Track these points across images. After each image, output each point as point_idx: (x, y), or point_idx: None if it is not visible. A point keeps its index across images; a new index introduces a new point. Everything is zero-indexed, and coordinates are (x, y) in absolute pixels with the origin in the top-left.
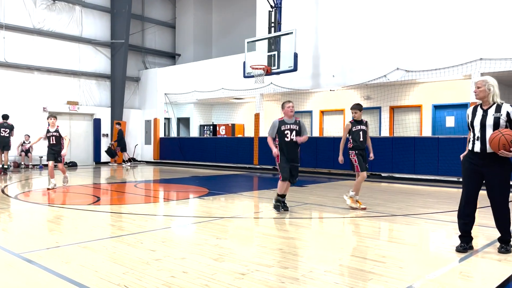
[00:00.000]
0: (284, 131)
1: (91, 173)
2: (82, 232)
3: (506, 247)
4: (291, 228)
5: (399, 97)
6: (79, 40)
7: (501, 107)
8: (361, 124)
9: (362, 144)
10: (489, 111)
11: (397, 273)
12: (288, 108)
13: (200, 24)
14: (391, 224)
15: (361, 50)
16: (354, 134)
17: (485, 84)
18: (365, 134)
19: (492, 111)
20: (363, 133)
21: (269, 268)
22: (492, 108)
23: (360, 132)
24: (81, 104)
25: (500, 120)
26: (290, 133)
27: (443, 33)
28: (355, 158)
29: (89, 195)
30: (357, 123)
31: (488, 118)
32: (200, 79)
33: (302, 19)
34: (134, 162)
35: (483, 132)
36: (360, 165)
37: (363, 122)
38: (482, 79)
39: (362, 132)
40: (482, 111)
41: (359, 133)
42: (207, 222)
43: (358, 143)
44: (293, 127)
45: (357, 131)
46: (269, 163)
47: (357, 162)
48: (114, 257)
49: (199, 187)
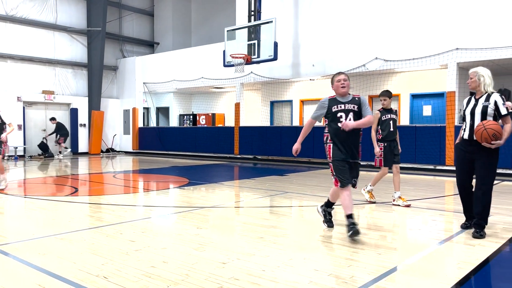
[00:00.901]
0: (337, 113)
1: (69, 164)
2: (60, 224)
3: (480, 232)
4: (272, 217)
5: (378, 86)
6: (53, 27)
7: (490, 96)
8: (390, 112)
9: (392, 135)
10: (479, 100)
11: (376, 259)
12: (339, 82)
13: (179, 12)
14: (370, 211)
15: (340, 39)
16: (383, 124)
17: (476, 75)
18: (395, 123)
19: (482, 100)
20: (393, 122)
21: (250, 256)
22: (483, 97)
23: (390, 121)
24: (57, 94)
25: (488, 109)
26: (346, 115)
27: (420, 23)
28: (382, 152)
29: (67, 186)
30: (386, 111)
31: (477, 106)
32: (179, 68)
33: (282, 8)
34: (113, 153)
35: (472, 120)
36: (385, 160)
37: (393, 110)
38: (474, 70)
39: (392, 122)
40: (475, 101)
41: (389, 123)
42: (187, 212)
43: (387, 134)
44: (349, 106)
45: (386, 120)
46: (249, 152)
47: (382, 156)
48: (92, 248)
49: (179, 177)
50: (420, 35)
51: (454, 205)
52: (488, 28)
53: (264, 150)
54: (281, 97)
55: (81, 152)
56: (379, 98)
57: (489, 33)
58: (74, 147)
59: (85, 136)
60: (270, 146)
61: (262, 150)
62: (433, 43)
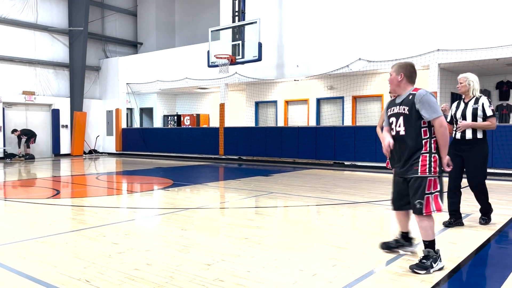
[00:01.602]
0: (389, 117)
1: (50, 166)
2: (41, 227)
3: (486, 219)
4: (257, 217)
5: (361, 87)
6: (34, 27)
7: (479, 99)
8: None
9: None
10: (469, 103)
11: (360, 259)
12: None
13: (163, 12)
14: (353, 211)
15: (324, 40)
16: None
17: (466, 80)
18: None
19: (471, 103)
20: None
21: (235, 257)
22: (472, 100)
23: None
24: (38, 94)
25: (478, 111)
26: (396, 121)
27: (403, 25)
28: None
29: (48, 188)
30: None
31: (467, 109)
32: (163, 69)
33: (266, 8)
34: (96, 154)
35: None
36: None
37: None
38: (464, 76)
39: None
40: (464, 104)
41: None
42: (172, 213)
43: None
44: (398, 110)
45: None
46: (234, 153)
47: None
48: (74, 251)
49: (164, 178)
50: (403, 37)
51: None
52: (468, 30)
53: (249, 150)
54: (265, 98)
55: (63, 153)
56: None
57: (469, 34)
58: (56, 149)
59: (67, 138)
60: (255, 146)
61: (247, 150)
62: (415, 44)
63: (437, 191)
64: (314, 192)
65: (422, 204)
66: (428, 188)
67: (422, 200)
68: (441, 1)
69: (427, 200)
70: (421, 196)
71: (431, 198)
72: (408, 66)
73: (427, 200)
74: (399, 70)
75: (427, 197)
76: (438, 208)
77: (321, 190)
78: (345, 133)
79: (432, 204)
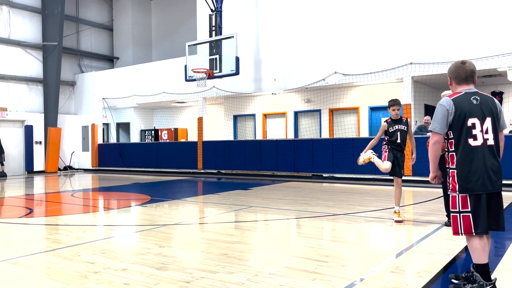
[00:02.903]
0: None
1: (23, 184)
2: (12, 247)
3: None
4: (236, 232)
5: (337, 99)
6: (6, 42)
7: None
8: (399, 123)
9: (398, 146)
10: None
11: (340, 271)
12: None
13: (139, 27)
14: (333, 223)
15: (301, 54)
16: (392, 136)
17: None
18: (403, 135)
19: None
20: (401, 133)
21: (214, 274)
22: None
23: (397, 132)
24: (10, 110)
25: None
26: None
27: (376, 39)
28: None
29: (21, 207)
30: (395, 122)
31: None
32: (140, 83)
33: (243, 23)
34: (71, 170)
35: None
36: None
37: (403, 120)
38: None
39: (400, 133)
40: None
41: (397, 134)
42: (149, 230)
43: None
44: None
45: (394, 132)
46: (213, 167)
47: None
48: (48, 272)
49: (141, 194)
50: (377, 50)
51: (413, 215)
52: (440, 44)
53: (228, 164)
54: (244, 111)
55: (36, 170)
56: (390, 108)
57: (440, 48)
58: (29, 166)
59: (41, 154)
60: (234, 160)
61: (226, 164)
62: (389, 58)
63: (467, 211)
64: (293, 205)
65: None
66: (453, 206)
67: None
68: (413, 17)
69: (454, 219)
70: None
71: (459, 217)
72: (452, 67)
73: (454, 220)
74: (448, 74)
75: (453, 216)
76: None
77: (301, 203)
78: (323, 145)
79: (460, 225)
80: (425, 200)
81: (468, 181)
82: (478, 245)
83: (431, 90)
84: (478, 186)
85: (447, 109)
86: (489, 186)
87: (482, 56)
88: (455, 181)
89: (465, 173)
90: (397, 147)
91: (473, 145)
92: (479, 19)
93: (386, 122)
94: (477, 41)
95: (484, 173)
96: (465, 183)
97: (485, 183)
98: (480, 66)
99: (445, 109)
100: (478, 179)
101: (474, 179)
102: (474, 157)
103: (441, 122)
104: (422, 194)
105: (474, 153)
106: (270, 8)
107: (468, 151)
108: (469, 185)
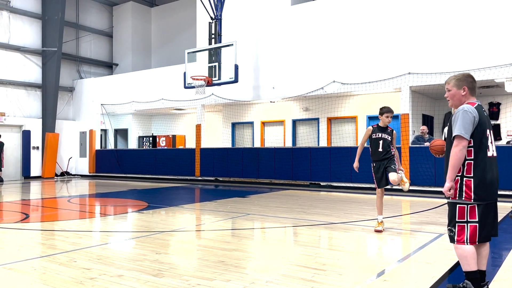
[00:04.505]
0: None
1: (19, 189)
2: (8, 253)
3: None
4: (233, 240)
5: (336, 108)
6: (6, 47)
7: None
8: (384, 131)
9: (379, 155)
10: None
11: (337, 280)
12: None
13: (139, 33)
14: (330, 232)
15: (299, 63)
16: (372, 143)
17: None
18: (386, 144)
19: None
20: (384, 142)
21: (211, 281)
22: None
23: (379, 141)
24: (8, 115)
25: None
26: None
27: (375, 48)
28: (372, 172)
29: (17, 212)
30: (380, 130)
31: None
32: (139, 90)
33: (242, 31)
34: (68, 176)
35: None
36: (376, 181)
37: (388, 130)
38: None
39: (383, 142)
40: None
41: (378, 142)
42: (146, 237)
43: (373, 153)
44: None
45: (375, 139)
46: (211, 174)
47: (373, 177)
48: (43, 278)
49: (138, 200)
50: (375, 60)
51: (411, 225)
52: (438, 54)
53: (225, 171)
54: (242, 119)
55: (33, 176)
56: (383, 115)
57: (438, 58)
58: (26, 171)
59: (38, 159)
60: (231, 167)
61: (223, 171)
62: (387, 68)
63: (474, 221)
64: (290, 213)
65: (453, 232)
66: (460, 216)
67: (454, 228)
68: (412, 27)
69: (460, 228)
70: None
71: (467, 227)
72: (469, 78)
73: (461, 229)
74: (460, 83)
75: (460, 226)
76: (472, 240)
77: (298, 211)
78: (320, 154)
79: (466, 234)
80: (422, 210)
81: (486, 191)
82: (469, 253)
83: (429, 100)
84: (492, 195)
85: (474, 116)
86: (495, 195)
87: (480, 67)
88: (471, 190)
89: (484, 183)
90: (381, 159)
91: (489, 155)
92: (477, 30)
93: (372, 127)
94: (475, 52)
95: (496, 183)
96: (482, 192)
97: (495, 193)
98: (478, 77)
99: (473, 116)
100: (494, 188)
101: (492, 188)
102: (491, 167)
103: (468, 128)
104: (419, 204)
105: (492, 163)
106: (270, 17)
107: (487, 161)
108: (486, 194)
